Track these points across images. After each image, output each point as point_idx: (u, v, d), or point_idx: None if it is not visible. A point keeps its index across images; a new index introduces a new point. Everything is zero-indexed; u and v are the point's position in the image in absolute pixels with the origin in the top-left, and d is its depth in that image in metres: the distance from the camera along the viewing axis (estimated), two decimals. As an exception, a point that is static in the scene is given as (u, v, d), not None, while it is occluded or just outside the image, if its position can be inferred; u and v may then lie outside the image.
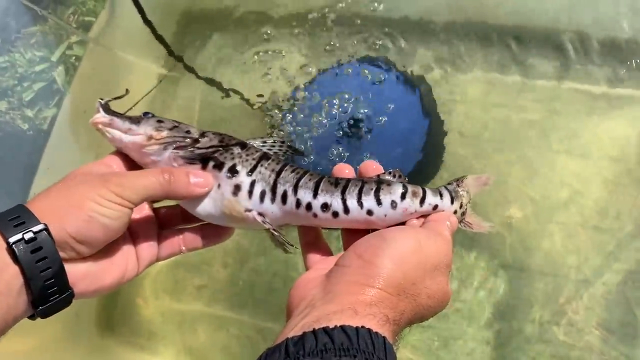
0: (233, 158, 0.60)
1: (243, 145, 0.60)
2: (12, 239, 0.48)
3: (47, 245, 0.50)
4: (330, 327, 0.44)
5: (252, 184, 0.57)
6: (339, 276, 0.51)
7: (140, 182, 0.54)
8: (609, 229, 0.84)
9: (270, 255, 0.90)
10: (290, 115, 0.94)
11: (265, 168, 0.59)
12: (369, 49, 0.97)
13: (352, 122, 0.92)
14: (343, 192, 0.57)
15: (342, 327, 0.44)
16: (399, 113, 0.92)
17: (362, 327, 0.45)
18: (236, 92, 0.98)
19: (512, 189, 0.87)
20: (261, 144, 0.63)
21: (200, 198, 0.59)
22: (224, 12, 1.05)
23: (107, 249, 0.56)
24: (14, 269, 0.48)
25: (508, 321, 0.83)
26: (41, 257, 0.49)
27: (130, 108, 0.61)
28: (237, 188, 0.57)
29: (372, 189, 0.57)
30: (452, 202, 0.60)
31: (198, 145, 0.59)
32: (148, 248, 0.59)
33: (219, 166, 0.59)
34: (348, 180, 0.58)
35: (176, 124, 0.61)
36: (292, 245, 0.61)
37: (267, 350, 0.45)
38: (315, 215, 0.57)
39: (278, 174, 0.59)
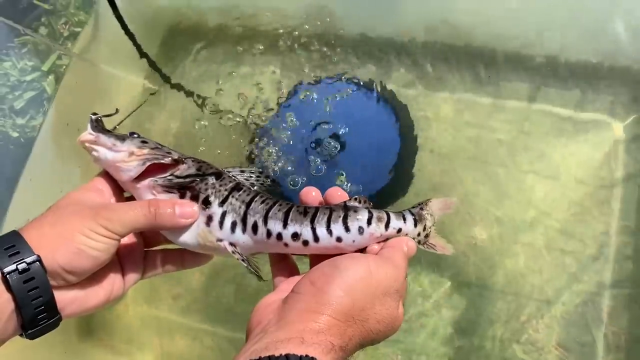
0: (207, 189, 0.61)
1: (218, 175, 0.62)
2: (6, 269, 0.51)
3: (39, 276, 0.52)
4: (276, 355, 0.47)
5: (224, 215, 0.59)
6: (293, 303, 0.54)
7: (127, 217, 0.56)
8: (572, 251, 0.86)
9: (243, 268, 0.93)
10: (266, 132, 0.97)
11: (236, 199, 0.61)
12: (345, 68, 1.00)
13: (326, 140, 0.94)
14: (312, 221, 0.59)
15: (287, 356, 0.47)
16: (373, 131, 0.95)
17: (307, 355, 0.47)
18: (216, 107, 1.01)
19: (479, 209, 0.89)
20: (238, 173, 0.66)
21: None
22: (205, 28, 1.08)
23: (95, 275, 0.58)
24: (7, 297, 0.51)
25: (469, 338, 0.85)
26: (33, 286, 0.52)
27: (120, 122, 0.64)
28: (209, 219, 0.59)
29: (340, 217, 0.58)
30: (415, 225, 0.62)
31: (176, 174, 0.62)
32: (134, 269, 0.61)
33: (195, 197, 0.61)
34: (317, 209, 0.59)
35: (159, 146, 0.64)
36: (261, 278, 0.64)
37: None
38: (286, 245, 0.59)
39: (248, 205, 0.61)
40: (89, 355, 0.94)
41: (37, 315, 0.53)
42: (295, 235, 0.58)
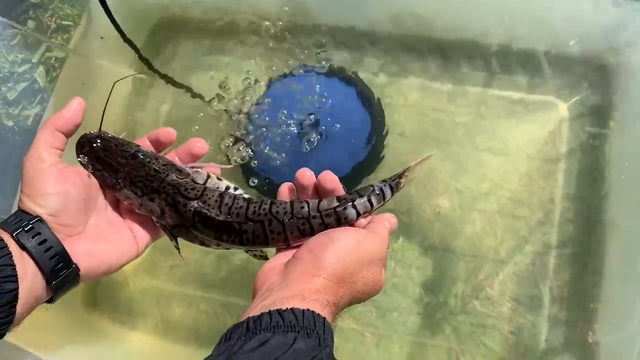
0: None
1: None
2: (15, 233, 0.58)
3: (44, 230, 0.59)
4: (283, 309, 0.54)
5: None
6: (294, 267, 0.61)
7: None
8: (522, 216, 0.98)
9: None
10: (249, 120, 1.06)
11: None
12: (318, 58, 1.09)
13: (305, 125, 1.03)
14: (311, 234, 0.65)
15: (292, 309, 0.54)
16: (346, 116, 1.04)
17: (308, 309, 0.55)
18: (201, 95, 1.09)
19: (442, 182, 1.01)
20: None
21: None
22: (190, 22, 1.14)
23: (98, 233, 0.65)
24: (25, 256, 0.58)
25: (435, 295, 0.97)
26: (42, 240, 0.59)
27: (102, 116, 0.71)
28: None
29: (334, 224, 0.65)
30: (392, 194, 0.68)
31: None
32: (143, 229, 0.68)
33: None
34: (312, 227, 0.65)
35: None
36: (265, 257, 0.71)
37: (233, 326, 0.55)
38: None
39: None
40: (94, 326, 1.02)
41: (55, 266, 0.60)
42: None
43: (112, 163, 0.66)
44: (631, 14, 0.94)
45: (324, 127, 1.03)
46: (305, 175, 0.66)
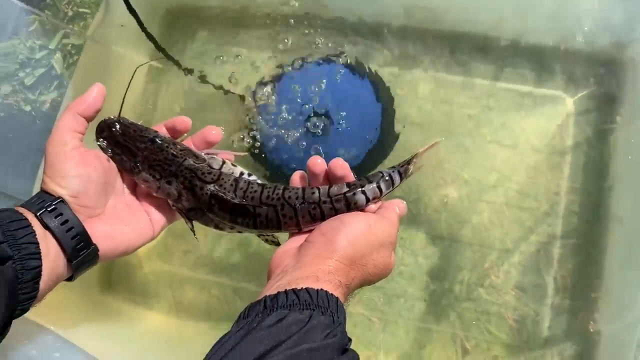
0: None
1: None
2: (39, 212, 0.62)
3: (66, 211, 0.62)
4: (298, 288, 0.57)
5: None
6: (307, 250, 0.64)
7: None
8: (528, 207, 1.00)
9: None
10: (263, 108, 1.08)
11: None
12: (332, 49, 1.11)
13: (317, 114, 1.06)
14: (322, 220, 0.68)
15: (307, 289, 0.57)
16: (357, 106, 1.06)
17: (321, 289, 0.57)
18: (214, 85, 1.12)
19: (450, 173, 1.03)
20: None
21: None
22: (207, 11, 1.16)
23: (118, 214, 0.68)
24: (48, 235, 0.60)
25: (441, 282, 1.00)
26: (64, 220, 0.61)
27: (122, 104, 0.73)
28: None
29: (344, 210, 0.67)
30: (401, 180, 0.70)
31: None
32: (159, 212, 0.71)
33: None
34: (322, 212, 0.67)
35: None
36: (278, 243, 0.73)
37: (250, 304, 0.57)
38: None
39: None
40: (109, 306, 1.06)
41: (76, 245, 0.62)
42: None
43: (131, 147, 0.69)
44: (639, 10, 0.95)
45: (334, 116, 1.05)
46: (317, 163, 0.69)
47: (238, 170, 0.72)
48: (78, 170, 0.64)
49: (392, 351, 0.99)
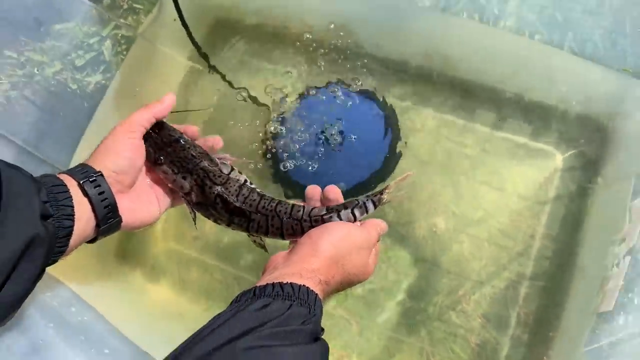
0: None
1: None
2: (82, 182, 0.71)
3: (103, 183, 0.72)
4: (283, 282, 0.66)
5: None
6: (296, 251, 0.75)
7: (138, 116, 0.80)
8: (505, 246, 1.11)
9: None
10: (284, 120, 1.20)
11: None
12: (353, 77, 1.22)
13: (329, 135, 1.17)
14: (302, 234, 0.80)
15: (291, 284, 0.66)
16: (368, 132, 1.18)
17: (303, 285, 0.66)
18: (247, 91, 1.23)
19: (442, 205, 1.14)
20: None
21: None
22: (245, 25, 1.28)
23: (137, 195, 0.79)
24: (85, 201, 0.70)
25: (417, 301, 1.11)
26: (101, 191, 0.71)
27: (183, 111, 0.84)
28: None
29: None
30: (375, 208, 0.81)
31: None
32: (164, 197, 0.83)
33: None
34: (303, 229, 0.79)
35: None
36: (266, 250, 0.86)
37: (242, 291, 0.67)
38: None
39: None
40: (121, 274, 1.18)
41: (106, 214, 0.72)
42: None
43: (159, 143, 0.81)
44: (631, 87, 1.06)
45: (346, 138, 1.17)
46: (314, 191, 0.83)
47: (243, 177, 0.84)
48: (130, 154, 0.77)
49: (365, 355, 1.10)
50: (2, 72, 1.04)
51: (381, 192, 0.83)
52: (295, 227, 0.80)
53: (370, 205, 0.82)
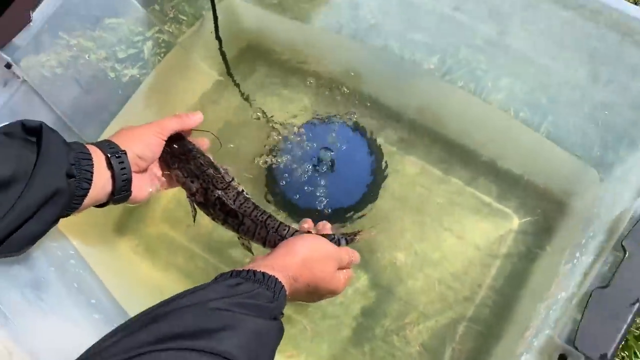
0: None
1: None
2: (109, 155, 0.85)
3: (126, 161, 0.86)
4: (257, 270, 0.77)
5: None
6: (274, 250, 0.89)
7: (168, 123, 0.98)
8: (454, 288, 1.25)
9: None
10: (286, 141, 1.35)
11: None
12: (352, 114, 1.38)
13: (321, 161, 1.32)
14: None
15: (262, 272, 0.77)
16: (355, 165, 1.32)
17: (273, 276, 0.77)
18: (261, 110, 1.40)
19: (406, 241, 1.29)
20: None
21: None
22: (270, 53, 1.46)
23: (148, 176, 0.98)
24: (108, 173, 0.85)
25: (367, 319, 1.24)
26: (123, 167, 0.85)
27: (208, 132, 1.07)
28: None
29: None
30: (347, 245, 0.98)
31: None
32: (157, 181, 1.01)
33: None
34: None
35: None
36: (251, 252, 1.02)
37: (221, 273, 0.79)
38: None
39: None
40: (115, 246, 1.32)
41: (122, 186, 0.86)
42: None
43: (176, 151, 0.99)
44: (586, 173, 1.21)
45: (335, 166, 1.32)
46: (308, 225, 1.00)
47: (241, 187, 1.01)
48: (154, 148, 0.96)
49: (312, 357, 1.24)
50: (54, 51, 1.20)
51: (355, 234, 1.00)
52: (277, 241, 0.95)
53: (342, 242, 0.98)
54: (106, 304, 1.04)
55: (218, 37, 1.34)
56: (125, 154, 0.88)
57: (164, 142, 0.98)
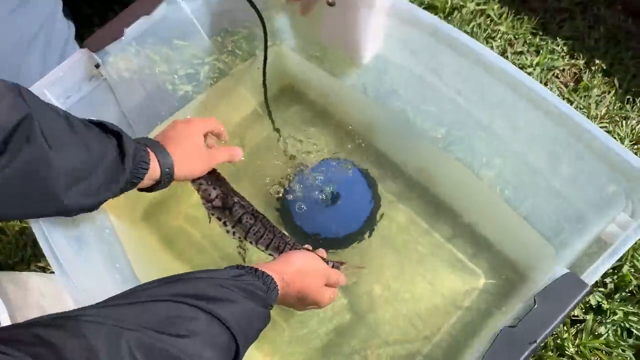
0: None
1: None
2: (158, 152, 1.02)
3: (170, 160, 1.03)
4: (257, 268, 0.90)
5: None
6: (275, 259, 1.04)
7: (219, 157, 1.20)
8: (415, 327, 1.40)
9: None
10: (301, 173, 1.56)
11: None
12: (361, 159, 1.59)
13: (328, 193, 1.52)
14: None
15: (262, 271, 0.90)
16: (355, 202, 1.52)
17: (269, 275, 0.90)
18: (287, 144, 1.63)
19: (384, 277, 1.48)
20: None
21: None
22: (304, 96, 1.70)
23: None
24: (156, 164, 1.00)
25: (337, 336, 1.40)
26: (169, 164, 1.02)
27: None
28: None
29: None
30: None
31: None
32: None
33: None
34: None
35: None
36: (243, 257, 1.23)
37: (229, 265, 0.91)
38: None
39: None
40: (141, 229, 1.51)
41: (166, 175, 1.02)
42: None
43: (212, 179, 1.21)
44: (549, 253, 1.40)
45: (339, 201, 1.52)
46: (308, 247, 1.18)
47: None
48: (201, 173, 1.18)
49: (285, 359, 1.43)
50: (131, 59, 1.43)
51: (341, 263, 1.22)
52: (280, 246, 1.16)
53: (330, 265, 1.20)
54: (126, 270, 1.25)
55: (264, 74, 1.58)
56: (173, 164, 1.06)
57: (209, 169, 1.17)
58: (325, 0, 1.22)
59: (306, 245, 1.18)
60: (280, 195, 1.55)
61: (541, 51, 1.85)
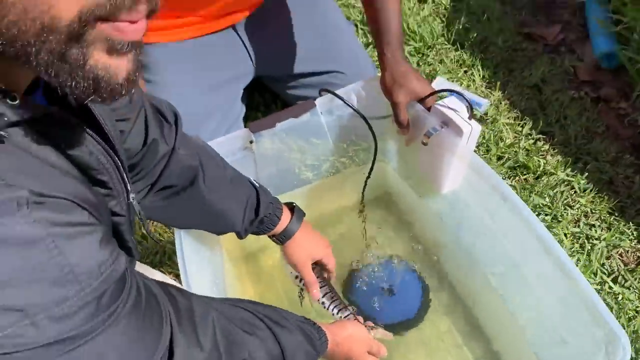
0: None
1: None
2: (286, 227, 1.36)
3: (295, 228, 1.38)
4: (315, 323, 1.09)
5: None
6: (333, 323, 1.19)
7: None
8: None
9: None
10: (363, 270, 1.87)
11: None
12: (425, 270, 1.91)
13: (387, 286, 1.84)
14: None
15: (319, 327, 1.07)
16: (408, 301, 1.76)
17: (324, 331, 1.09)
18: (369, 239, 1.89)
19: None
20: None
21: None
22: (395, 206, 1.94)
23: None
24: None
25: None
26: (291, 231, 1.38)
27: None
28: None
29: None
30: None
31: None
32: None
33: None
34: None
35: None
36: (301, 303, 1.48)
37: (312, 322, 1.10)
38: None
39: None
40: (215, 252, 1.86)
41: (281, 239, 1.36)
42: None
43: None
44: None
45: (396, 291, 1.83)
46: (360, 320, 1.35)
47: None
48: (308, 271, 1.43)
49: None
50: (274, 142, 1.80)
51: (352, 315, 1.38)
52: (338, 306, 1.42)
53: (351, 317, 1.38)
54: (220, 286, 1.68)
55: (368, 176, 1.87)
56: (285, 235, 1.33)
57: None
58: (421, 141, 1.63)
59: (359, 317, 1.34)
60: (348, 276, 1.91)
61: (612, 229, 2.07)
